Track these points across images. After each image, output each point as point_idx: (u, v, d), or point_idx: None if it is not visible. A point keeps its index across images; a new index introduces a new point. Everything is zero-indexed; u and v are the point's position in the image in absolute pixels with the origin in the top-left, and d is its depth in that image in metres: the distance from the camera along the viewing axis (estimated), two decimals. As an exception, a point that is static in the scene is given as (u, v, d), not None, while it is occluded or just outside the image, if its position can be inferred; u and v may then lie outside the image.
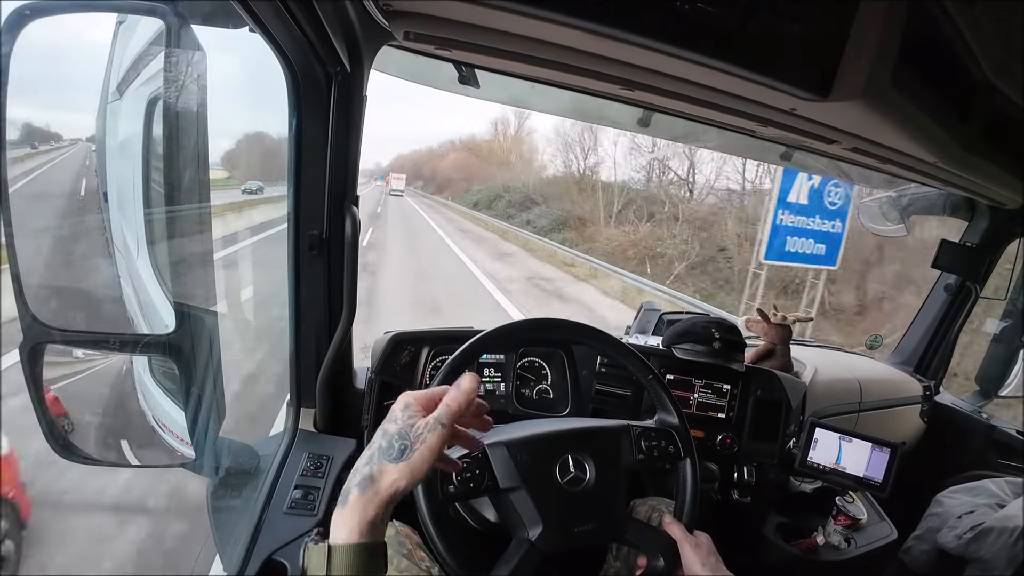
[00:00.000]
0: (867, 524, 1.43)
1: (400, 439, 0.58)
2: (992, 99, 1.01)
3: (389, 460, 0.57)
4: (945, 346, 2.00)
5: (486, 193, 29.41)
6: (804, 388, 1.50)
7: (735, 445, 1.39)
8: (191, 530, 2.01)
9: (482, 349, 0.94)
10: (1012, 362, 1.99)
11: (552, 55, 0.86)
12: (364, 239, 1.10)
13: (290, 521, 0.97)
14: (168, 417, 0.82)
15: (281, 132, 1.01)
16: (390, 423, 0.60)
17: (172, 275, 0.76)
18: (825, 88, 0.79)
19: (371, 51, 0.97)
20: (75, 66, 0.88)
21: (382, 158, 55.07)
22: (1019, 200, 1.60)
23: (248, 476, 1.06)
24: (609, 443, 0.90)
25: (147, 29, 0.69)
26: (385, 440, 0.58)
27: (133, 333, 0.87)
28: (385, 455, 0.57)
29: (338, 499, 0.57)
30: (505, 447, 0.84)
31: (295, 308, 1.11)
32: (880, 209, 1.96)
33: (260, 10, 0.71)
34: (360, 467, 0.58)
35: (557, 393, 1.38)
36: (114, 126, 0.87)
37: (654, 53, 0.74)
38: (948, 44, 0.86)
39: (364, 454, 0.59)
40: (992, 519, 1.34)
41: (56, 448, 0.69)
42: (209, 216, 0.75)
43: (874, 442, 1.33)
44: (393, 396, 1.22)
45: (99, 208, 0.89)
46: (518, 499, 0.82)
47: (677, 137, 1.63)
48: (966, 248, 1.85)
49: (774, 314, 1.61)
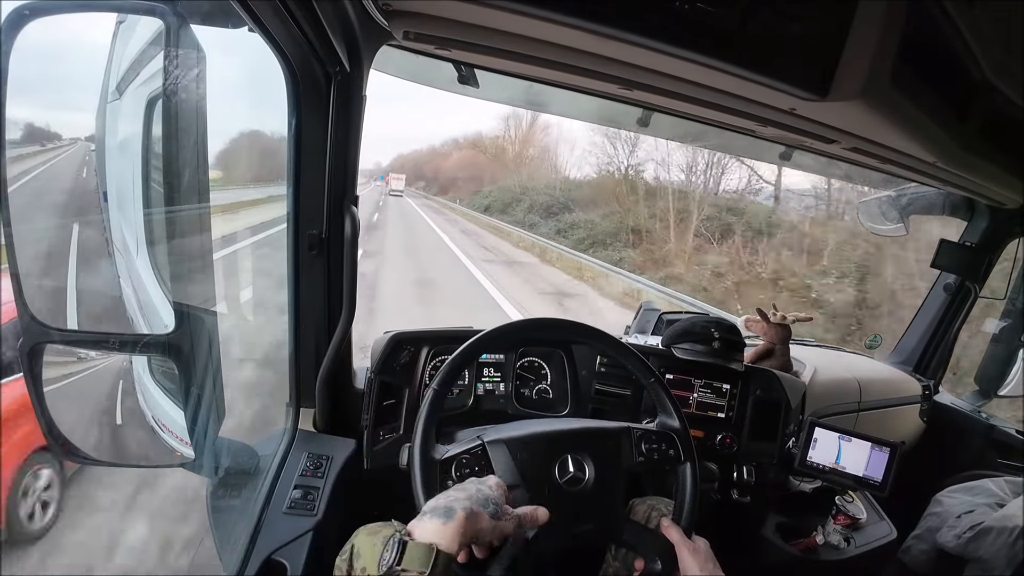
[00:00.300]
0: (866, 524, 1.43)
1: (495, 506, 0.70)
2: (991, 99, 1.01)
3: (487, 511, 0.68)
4: (944, 346, 2.00)
5: (499, 196, 25.57)
6: (803, 388, 1.50)
7: (734, 445, 1.39)
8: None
9: (482, 349, 0.94)
10: (1011, 362, 1.99)
11: (552, 55, 0.86)
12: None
13: (290, 521, 0.97)
14: (168, 417, 0.82)
15: (280, 132, 1.01)
16: (486, 487, 0.72)
17: (171, 275, 0.75)
18: (824, 88, 0.80)
19: (371, 51, 0.97)
20: (75, 66, 0.88)
21: (382, 158, 55.00)
22: (1018, 200, 1.60)
23: (247, 476, 1.06)
24: (609, 444, 0.90)
25: (147, 29, 0.69)
26: (482, 496, 0.70)
27: (133, 333, 0.87)
28: (483, 506, 0.68)
29: (433, 507, 0.67)
30: (505, 445, 0.85)
31: (294, 308, 1.11)
32: (880, 208, 1.96)
33: (259, 10, 0.71)
34: (461, 497, 0.68)
35: (557, 393, 1.38)
36: (113, 126, 0.87)
37: (653, 53, 0.75)
38: (947, 44, 0.86)
39: (463, 490, 0.70)
40: (991, 519, 1.34)
41: (55, 447, 0.69)
42: (209, 216, 0.75)
43: (873, 442, 1.33)
44: (393, 396, 1.23)
45: (99, 207, 0.89)
46: (517, 498, 0.82)
47: (677, 137, 1.63)
48: (965, 248, 1.85)
49: (773, 313, 1.61)
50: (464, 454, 0.83)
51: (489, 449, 0.84)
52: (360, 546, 0.93)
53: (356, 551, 0.92)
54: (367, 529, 0.96)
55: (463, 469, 0.82)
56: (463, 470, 0.82)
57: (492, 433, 0.87)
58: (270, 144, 3.05)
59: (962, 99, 1.00)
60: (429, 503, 0.70)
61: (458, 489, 0.72)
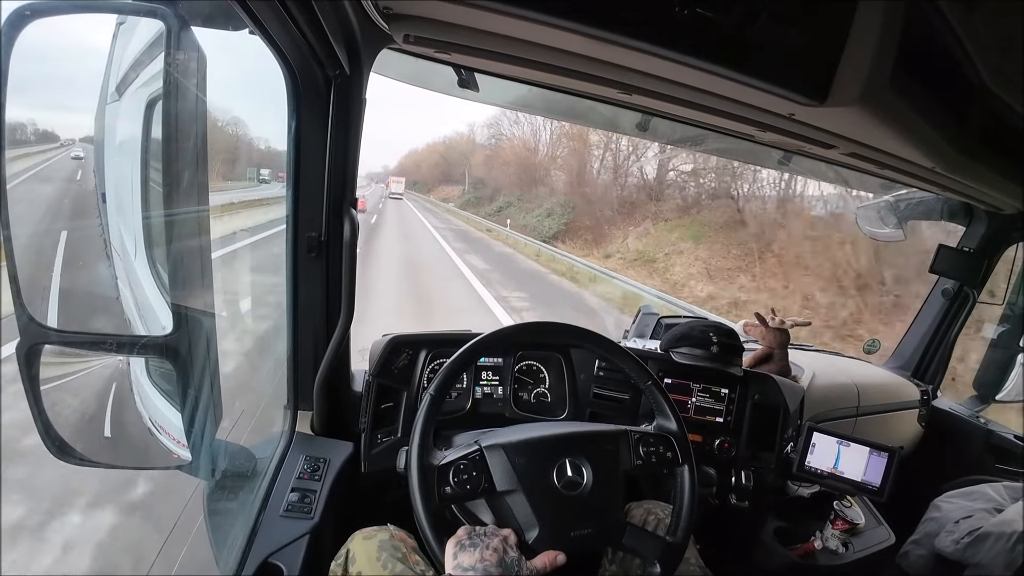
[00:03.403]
0: (865, 529, 1.42)
1: (518, 568, 0.76)
2: (989, 104, 1.02)
3: (509, 571, 0.75)
4: (943, 351, 2.00)
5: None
6: (802, 392, 1.50)
7: (733, 449, 1.39)
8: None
9: (480, 352, 0.94)
10: (1009, 367, 1.99)
11: (551, 59, 0.86)
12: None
13: (286, 524, 0.97)
14: (164, 419, 0.82)
15: (280, 135, 1.01)
16: (511, 549, 0.78)
17: (169, 277, 0.75)
18: (823, 93, 0.80)
19: (370, 54, 0.97)
20: (75, 67, 0.88)
21: (390, 161, 55.27)
22: (1016, 205, 1.61)
23: (244, 478, 1.05)
24: (607, 448, 0.90)
25: (147, 30, 0.69)
26: (509, 559, 0.76)
27: (130, 334, 0.87)
28: (508, 570, 0.75)
29: (471, 565, 0.74)
30: (503, 450, 0.84)
31: (293, 310, 1.11)
32: (878, 214, 1.97)
33: (260, 12, 0.71)
34: (493, 563, 0.75)
35: (555, 397, 1.38)
36: (113, 127, 0.87)
37: (653, 58, 0.75)
38: (945, 50, 0.87)
39: (494, 553, 0.76)
40: (990, 524, 1.34)
41: (52, 449, 0.69)
42: (207, 218, 0.75)
43: (872, 446, 1.33)
44: (390, 399, 1.23)
45: (96, 208, 0.89)
46: (515, 502, 0.82)
47: (676, 141, 1.63)
48: (964, 253, 1.85)
49: (772, 318, 1.61)
50: (462, 459, 0.83)
51: (487, 454, 0.84)
52: (356, 550, 0.92)
53: (352, 555, 0.92)
54: (363, 533, 0.95)
55: (461, 475, 0.82)
56: (461, 475, 0.82)
57: (490, 438, 0.87)
58: (270, 147, 3.05)
59: (960, 104, 1.01)
60: (463, 558, 0.75)
61: (487, 547, 0.77)
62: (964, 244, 1.87)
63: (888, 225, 1.94)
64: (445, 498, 0.81)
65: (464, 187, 39.07)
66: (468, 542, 0.78)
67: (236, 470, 1.05)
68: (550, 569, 0.79)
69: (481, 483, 0.82)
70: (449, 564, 0.76)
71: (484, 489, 0.82)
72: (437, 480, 0.80)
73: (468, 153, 39.93)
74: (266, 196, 4.95)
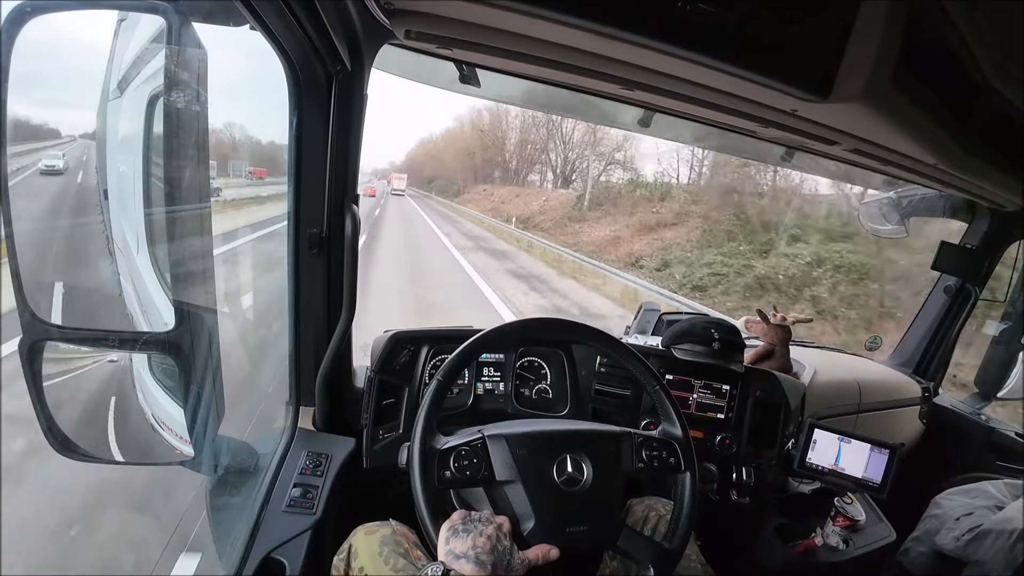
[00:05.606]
0: (865, 525, 1.43)
1: (510, 557, 0.76)
2: (992, 101, 1.01)
3: (503, 562, 0.75)
4: (944, 348, 2.00)
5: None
6: (803, 389, 1.50)
7: (734, 446, 1.39)
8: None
9: (482, 348, 0.94)
10: (1011, 364, 1.99)
11: (553, 55, 0.86)
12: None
13: (289, 519, 0.97)
14: (167, 415, 0.82)
15: (281, 131, 1.01)
16: (504, 537, 0.78)
17: (172, 273, 0.75)
18: (826, 89, 0.80)
19: (372, 50, 0.97)
20: (76, 63, 0.88)
21: (396, 157, 55.11)
22: (1019, 202, 1.60)
23: (247, 474, 1.06)
24: (610, 448, 0.90)
25: (148, 27, 0.68)
26: (501, 547, 0.76)
27: (133, 331, 0.87)
28: (501, 558, 0.75)
29: (463, 552, 0.73)
30: (505, 440, 0.85)
31: (294, 307, 1.11)
32: (880, 210, 1.96)
33: (261, 8, 0.71)
34: (486, 550, 0.74)
35: (556, 393, 1.38)
36: (114, 124, 0.87)
37: (655, 53, 0.75)
38: (949, 46, 0.86)
39: (487, 539, 0.75)
40: (990, 521, 1.34)
41: (54, 445, 0.69)
42: (209, 214, 0.75)
43: (873, 443, 1.33)
44: (392, 395, 1.23)
45: (99, 205, 0.89)
46: (513, 493, 0.83)
47: (678, 137, 1.63)
48: (966, 250, 1.85)
49: (773, 315, 1.61)
50: (464, 446, 0.83)
51: (489, 443, 0.84)
52: (358, 546, 0.93)
53: (354, 551, 0.93)
54: (365, 528, 0.96)
55: (462, 460, 0.82)
56: (462, 461, 0.82)
57: (493, 428, 0.88)
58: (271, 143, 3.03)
59: (963, 101, 1.00)
60: (455, 544, 0.75)
61: (480, 534, 0.76)
62: (966, 241, 1.86)
63: (891, 222, 1.94)
64: (444, 482, 0.81)
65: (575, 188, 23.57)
66: (462, 527, 0.77)
67: (238, 466, 1.05)
68: (542, 563, 0.78)
69: (481, 471, 0.83)
70: (442, 550, 0.76)
71: (484, 477, 0.83)
72: (438, 464, 0.81)
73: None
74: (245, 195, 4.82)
